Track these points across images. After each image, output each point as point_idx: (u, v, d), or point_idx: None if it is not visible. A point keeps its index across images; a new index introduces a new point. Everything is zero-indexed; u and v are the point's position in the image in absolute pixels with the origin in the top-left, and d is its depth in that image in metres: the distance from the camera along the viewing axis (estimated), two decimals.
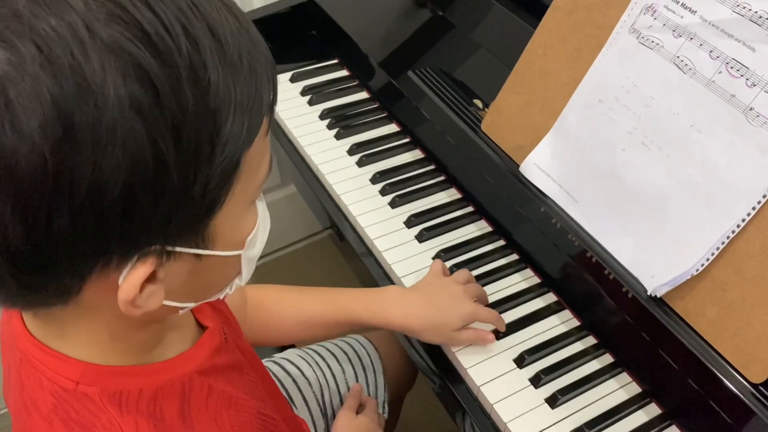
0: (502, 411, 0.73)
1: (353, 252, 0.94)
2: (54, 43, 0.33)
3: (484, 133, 0.88)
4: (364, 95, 1.13)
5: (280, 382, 0.92)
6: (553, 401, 0.74)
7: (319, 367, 0.95)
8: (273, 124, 1.16)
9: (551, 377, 0.76)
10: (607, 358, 0.78)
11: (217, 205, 0.40)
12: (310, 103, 1.11)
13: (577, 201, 0.78)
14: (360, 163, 1.01)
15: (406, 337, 0.89)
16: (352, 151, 1.02)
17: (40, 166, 0.33)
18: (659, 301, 0.70)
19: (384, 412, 0.96)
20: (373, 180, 0.98)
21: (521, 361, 0.77)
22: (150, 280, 0.40)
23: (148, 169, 0.35)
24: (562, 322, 0.82)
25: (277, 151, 1.10)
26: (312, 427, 0.90)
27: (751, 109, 0.64)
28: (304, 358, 0.96)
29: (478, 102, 0.94)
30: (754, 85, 0.64)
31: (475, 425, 0.76)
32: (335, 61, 1.20)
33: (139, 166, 0.35)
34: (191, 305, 0.48)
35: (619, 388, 0.76)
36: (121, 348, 0.47)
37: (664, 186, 0.70)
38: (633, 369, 0.77)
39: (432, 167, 1.00)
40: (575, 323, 0.81)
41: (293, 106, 1.11)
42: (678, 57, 0.70)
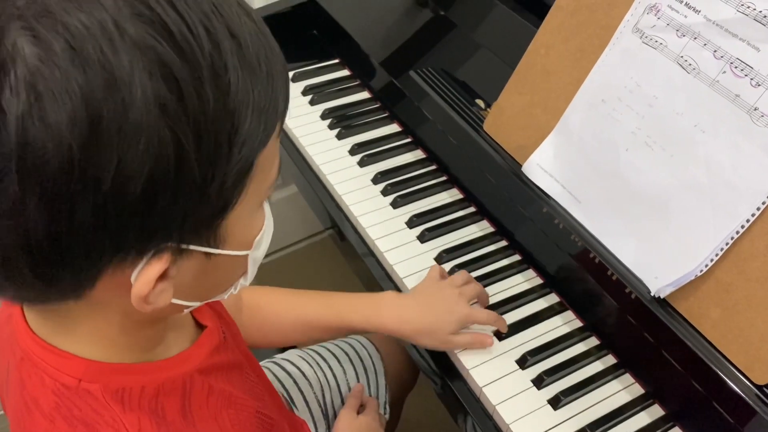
0: (505, 412, 0.73)
1: (354, 252, 0.94)
2: (84, 38, 0.33)
3: (486, 133, 0.88)
4: (365, 95, 1.13)
5: (281, 383, 0.91)
6: (555, 402, 0.74)
7: (320, 368, 0.94)
8: None
9: (554, 378, 0.75)
10: (610, 359, 0.78)
11: (230, 204, 0.41)
12: (312, 103, 1.11)
13: (580, 201, 0.77)
14: (361, 163, 1.00)
15: None
16: (353, 151, 1.02)
17: (67, 159, 0.33)
18: (663, 302, 0.70)
19: (385, 413, 0.96)
20: (375, 180, 0.98)
21: (524, 362, 0.77)
22: (162, 277, 0.40)
23: (169, 165, 0.36)
24: (564, 323, 0.81)
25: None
26: (313, 428, 0.90)
27: (755, 109, 0.64)
28: (304, 359, 0.96)
29: (480, 102, 0.94)
30: (759, 85, 0.64)
31: (476, 426, 0.76)
32: (336, 60, 1.19)
33: (162, 162, 0.35)
34: (196, 304, 0.48)
35: (622, 390, 0.75)
36: (125, 345, 0.48)
37: (667, 186, 0.70)
38: (636, 370, 0.76)
39: (434, 167, 1.00)
40: (578, 324, 0.81)
41: (294, 106, 1.10)
42: (682, 57, 0.70)
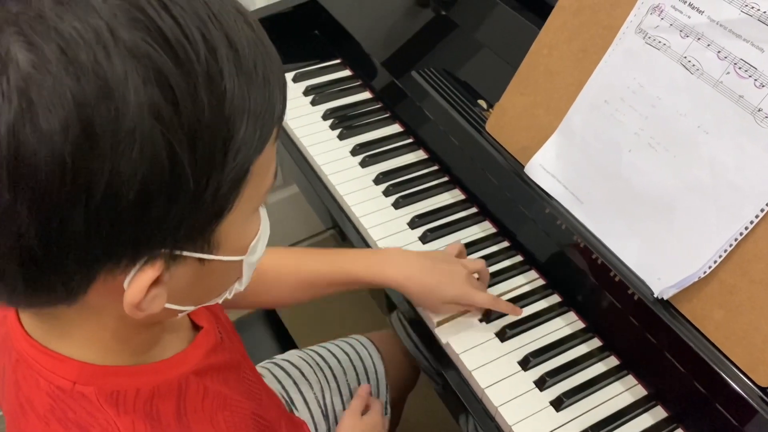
0: (507, 413, 0.73)
1: None
2: (77, 45, 0.33)
3: (488, 134, 0.88)
4: (367, 95, 1.13)
5: (281, 384, 0.91)
6: (558, 404, 0.73)
7: (320, 369, 0.94)
8: None
9: (556, 380, 0.75)
10: (613, 361, 0.78)
11: (225, 210, 0.40)
12: (313, 103, 1.11)
13: (583, 202, 0.77)
14: (363, 164, 1.00)
15: (408, 337, 0.88)
16: (355, 152, 1.02)
17: (59, 167, 0.33)
18: (666, 303, 0.69)
19: (386, 413, 0.96)
20: (377, 181, 0.98)
21: (526, 363, 0.77)
22: (155, 283, 0.40)
23: (163, 173, 0.35)
24: (567, 324, 0.81)
25: (280, 152, 1.10)
26: (313, 429, 0.89)
27: (759, 110, 0.64)
28: (304, 360, 0.95)
29: (482, 102, 0.94)
30: (763, 86, 0.64)
31: (478, 427, 0.76)
32: (338, 60, 1.19)
33: (155, 170, 0.35)
34: (191, 308, 0.48)
35: (624, 391, 0.75)
36: (119, 349, 0.47)
37: (670, 187, 0.70)
38: (639, 372, 0.76)
39: (435, 168, 1.00)
40: (580, 325, 0.81)
41: (296, 106, 1.10)
42: (685, 57, 0.70)
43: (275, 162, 0.45)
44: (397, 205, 0.94)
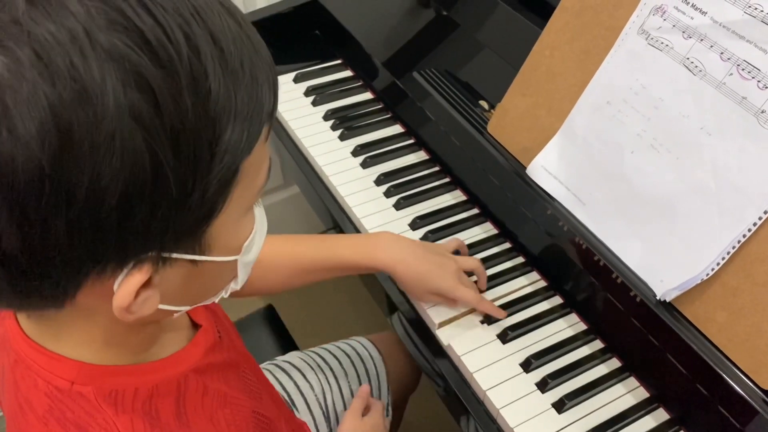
0: (509, 416, 0.73)
1: None
2: (53, 49, 0.32)
3: (490, 135, 0.88)
4: (368, 96, 1.12)
5: (282, 385, 0.91)
6: (560, 406, 0.73)
7: (321, 370, 0.94)
8: (276, 125, 1.15)
9: (558, 382, 0.75)
10: (615, 363, 0.78)
11: (214, 212, 0.40)
12: (314, 103, 1.10)
13: (585, 204, 0.77)
14: (364, 165, 1.00)
15: (409, 338, 0.88)
16: (356, 153, 1.02)
17: (38, 173, 0.32)
18: (668, 305, 0.69)
19: (387, 415, 0.96)
20: (378, 182, 0.97)
21: (528, 365, 0.76)
22: (145, 285, 0.40)
23: (146, 177, 0.35)
24: (568, 326, 0.81)
25: (281, 152, 1.10)
26: (314, 430, 0.89)
27: (762, 112, 0.64)
28: (306, 361, 0.95)
29: (483, 103, 0.93)
30: (766, 88, 0.64)
31: (479, 429, 0.76)
32: (339, 61, 1.19)
33: (138, 174, 0.34)
34: (186, 308, 0.48)
35: (626, 393, 0.75)
36: (117, 348, 0.47)
37: (673, 189, 0.69)
38: (641, 374, 0.76)
39: (437, 169, 1.00)
40: (582, 327, 0.81)
41: (297, 106, 1.10)
42: (688, 58, 0.69)
43: (268, 160, 0.44)
44: (398, 206, 0.94)
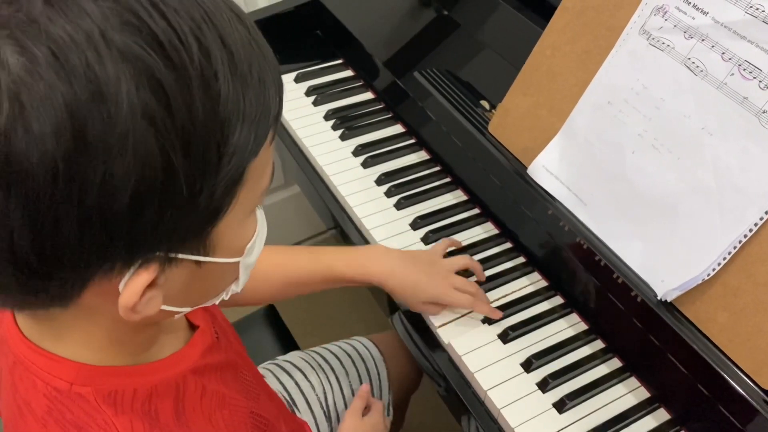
0: (510, 416, 0.73)
1: None
2: (69, 49, 0.33)
3: (491, 135, 0.88)
4: (369, 96, 1.12)
5: (282, 385, 0.91)
6: (560, 406, 0.73)
7: (322, 370, 0.94)
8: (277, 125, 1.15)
9: (559, 382, 0.75)
10: (616, 363, 0.78)
11: (220, 213, 0.40)
12: (315, 103, 1.10)
13: (586, 204, 0.77)
14: (365, 165, 1.00)
15: (410, 338, 0.88)
16: (357, 152, 1.02)
17: (52, 171, 0.33)
18: (669, 305, 0.69)
19: (388, 415, 0.96)
20: (379, 181, 0.97)
21: (528, 365, 0.76)
22: (150, 286, 0.40)
23: (157, 177, 0.35)
24: (569, 326, 0.81)
25: (281, 152, 1.10)
26: (315, 430, 0.89)
27: (764, 112, 0.64)
28: (306, 361, 0.95)
29: (485, 103, 0.93)
30: (767, 88, 0.64)
31: (481, 429, 0.76)
32: (340, 61, 1.19)
33: (149, 174, 0.35)
34: (187, 310, 0.48)
35: (627, 393, 0.75)
36: (116, 349, 0.47)
37: (674, 189, 0.69)
38: (642, 374, 0.76)
39: (438, 169, 1.00)
40: (583, 327, 0.81)
41: (298, 106, 1.10)
42: (689, 59, 0.69)
43: (272, 163, 0.45)
44: (399, 206, 0.94)
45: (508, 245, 0.90)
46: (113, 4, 0.34)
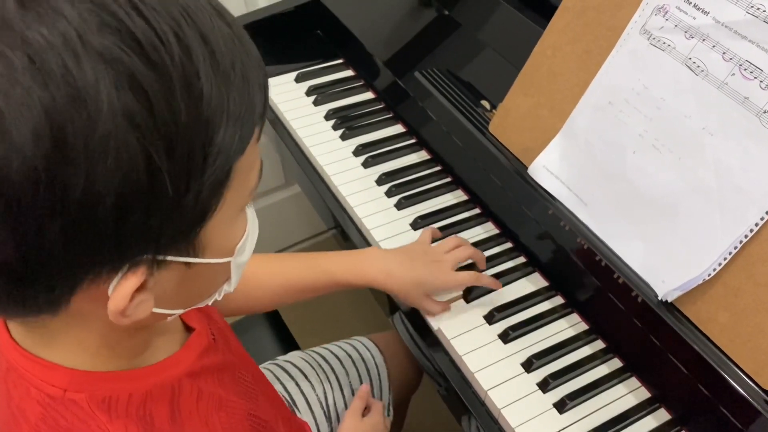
0: (510, 416, 0.73)
1: None
2: (46, 52, 0.32)
3: (492, 135, 0.88)
4: (369, 95, 1.12)
5: (283, 385, 0.91)
6: (561, 406, 0.73)
7: (323, 370, 0.94)
8: (278, 125, 1.15)
9: (559, 382, 0.75)
10: (616, 363, 0.78)
11: (208, 213, 0.40)
12: (315, 103, 1.10)
13: (587, 204, 0.77)
14: (365, 164, 1.00)
15: (411, 338, 0.88)
16: (357, 152, 1.02)
17: (32, 177, 0.32)
18: (670, 305, 0.69)
19: (388, 415, 0.96)
20: (379, 181, 0.97)
21: (529, 365, 0.76)
22: (140, 289, 0.40)
23: (140, 180, 0.35)
24: (570, 326, 0.81)
25: (282, 152, 1.10)
26: (315, 430, 0.89)
27: (765, 112, 0.64)
28: (307, 361, 0.95)
29: (485, 103, 0.93)
30: None
31: (481, 429, 0.76)
32: (340, 60, 1.19)
33: (132, 177, 0.34)
34: (180, 312, 0.48)
35: (627, 393, 0.75)
36: (109, 354, 0.47)
37: (675, 189, 0.69)
38: (642, 374, 0.76)
39: (438, 169, 1.00)
40: (583, 327, 0.81)
41: (298, 106, 1.10)
42: (690, 59, 0.69)
43: (259, 161, 0.44)
44: (399, 206, 0.94)
45: (509, 245, 0.90)
46: (90, 6, 0.33)
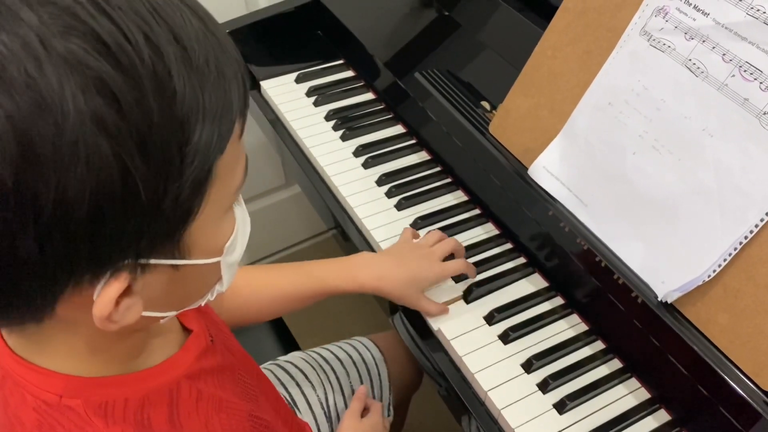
0: (510, 416, 0.73)
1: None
2: (6, 60, 0.31)
3: (492, 136, 0.88)
4: (370, 96, 1.12)
5: (283, 385, 0.91)
6: (561, 407, 0.73)
7: (323, 370, 0.94)
8: (278, 125, 1.15)
9: (559, 382, 0.75)
10: (616, 364, 0.78)
11: (191, 215, 0.39)
12: (316, 104, 1.10)
13: (587, 205, 0.77)
14: (366, 165, 1.00)
15: (411, 338, 0.88)
16: (357, 153, 1.02)
17: (1, 190, 0.32)
18: (670, 306, 0.69)
19: (388, 415, 0.96)
20: (379, 182, 0.97)
21: (529, 366, 0.76)
22: (126, 294, 0.39)
23: (114, 185, 0.34)
24: (570, 327, 0.81)
25: (282, 152, 1.10)
26: (316, 431, 0.89)
27: (764, 114, 0.64)
28: (307, 361, 0.95)
29: (485, 104, 0.93)
30: None
31: (481, 430, 0.76)
32: (341, 61, 1.19)
33: (105, 183, 0.34)
34: (172, 314, 0.47)
35: (627, 394, 0.75)
36: (103, 359, 0.47)
37: (675, 190, 0.69)
38: (642, 375, 0.76)
39: (438, 169, 1.00)
40: (583, 328, 0.81)
41: (298, 107, 1.10)
42: (690, 60, 0.69)
43: (244, 159, 0.43)
44: (399, 206, 0.94)
45: (509, 246, 0.90)
46: (52, 9, 0.32)
